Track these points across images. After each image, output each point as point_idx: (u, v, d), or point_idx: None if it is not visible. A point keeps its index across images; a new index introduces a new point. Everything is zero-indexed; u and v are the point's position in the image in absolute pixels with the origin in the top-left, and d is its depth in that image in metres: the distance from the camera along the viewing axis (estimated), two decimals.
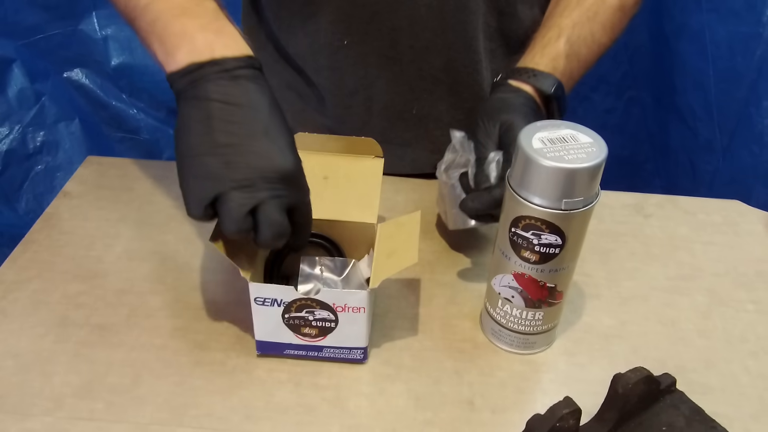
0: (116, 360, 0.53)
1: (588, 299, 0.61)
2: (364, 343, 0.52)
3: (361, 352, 0.52)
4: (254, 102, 0.44)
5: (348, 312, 0.49)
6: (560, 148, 0.45)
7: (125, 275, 0.61)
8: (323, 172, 0.59)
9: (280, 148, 0.43)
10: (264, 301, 0.49)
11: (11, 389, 0.51)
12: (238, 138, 0.43)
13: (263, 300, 0.49)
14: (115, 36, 1.16)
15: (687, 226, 0.70)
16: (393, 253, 0.50)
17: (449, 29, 0.63)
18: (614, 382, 0.45)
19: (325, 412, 0.50)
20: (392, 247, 0.51)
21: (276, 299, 0.49)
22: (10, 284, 0.60)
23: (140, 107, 1.23)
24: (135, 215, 0.69)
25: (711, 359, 0.55)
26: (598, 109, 1.26)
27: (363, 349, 0.52)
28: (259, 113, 0.44)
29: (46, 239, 0.65)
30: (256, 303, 0.49)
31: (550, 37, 0.59)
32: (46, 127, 1.16)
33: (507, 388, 0.52)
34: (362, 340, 0.52)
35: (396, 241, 0.51)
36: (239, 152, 0.43)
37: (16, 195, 1.14)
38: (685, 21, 1.04)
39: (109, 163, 0.76)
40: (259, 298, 0.49)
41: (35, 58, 1.13)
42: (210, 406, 0.50)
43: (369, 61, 0.66)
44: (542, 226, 0.46)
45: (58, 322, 0.56)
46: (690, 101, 1.07)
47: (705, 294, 0.62)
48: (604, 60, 1.20)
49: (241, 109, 0.43)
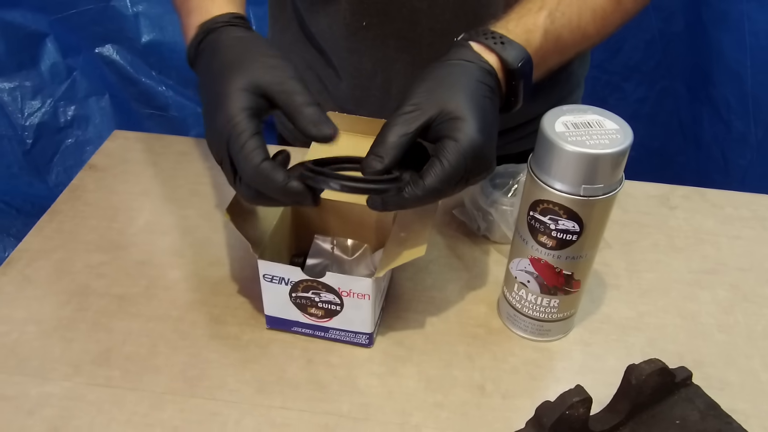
0: (134, 330, 0.54)
1: (607, 289, 0.60)
2: (369, 329, 0.52)
3: (366, 337, 0.53)
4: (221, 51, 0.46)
5: (353, 297, 0.49)
6: (583, 133, 0.44)
7: (146, 248, 0.62)
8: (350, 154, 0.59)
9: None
10: (272, 278, 0.49)
11: (33, 353, 0.52)
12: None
13: (271, 277, 0.49)
14: (146, 13, 1.17)
15: (714, 219, 0.68)
16: (404, 242, 0.50)
17: (470, 12, 0.62)
18: (628, 372, 0.45)
19: (335, 389, 0.50)
20: (404, 237, 0.51)
21: (284, 278, 0.49)
22: (36, 253, 0.61)
23: (169, 84, 1.24)
24: (158, 189, 0.69)
25: (730, 354, 0.54)
26: (630, 99, 1.23)
27: (368, 335, 0.52)
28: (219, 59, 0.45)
29: (71, 210, 0.66)
30: (264, 280, 0.50)
31: (530, 8, 0.51)
32: (76, 101, 1.18)
33: (519, 374, 0.52)
34: (367, 326, 0.52)
35: (410, 230, 0.51)
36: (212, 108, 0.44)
37: (46, 167, 1.17)
38: (725, 9, 1.01)
39: (135, 137, 0.77)
40: (267, 275, 0.49)
41: (68, 33, 1.15)
42: (223, 379, 0.51)
43: (388, 43, 0.66)
44: (560, 211, 0.45)
45: (80, 291, 0.58)
46: (725, 93, 1.04)
47: (728, 289, 0.60)
48: (637, 48, 1.19)
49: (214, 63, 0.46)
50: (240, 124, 0.42)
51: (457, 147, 0.42)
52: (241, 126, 0.42)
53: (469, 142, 0.43)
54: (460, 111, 0.43)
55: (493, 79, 0.47)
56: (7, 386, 0.50)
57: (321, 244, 0.59)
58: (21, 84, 1.12)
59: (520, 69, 0.48)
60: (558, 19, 0.51)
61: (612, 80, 1.22)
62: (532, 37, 0.49)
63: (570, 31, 0.52)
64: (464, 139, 0.43)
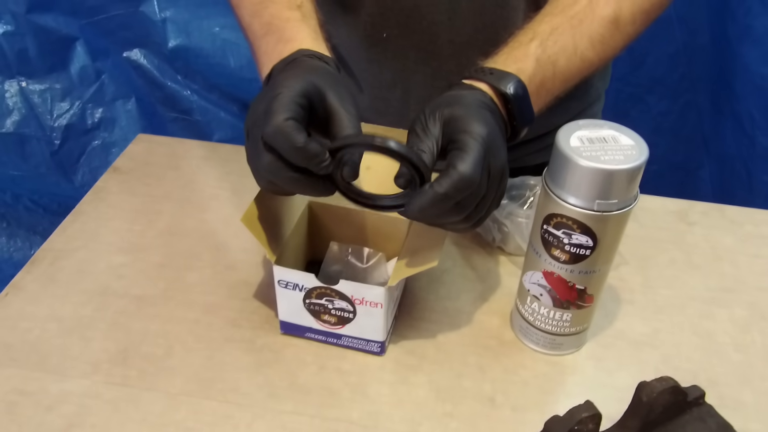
0: (151, 330, 0.55)
1: (622, 304, 0.60)
2: (381, 337, 0.52)
3: (378, 345, 0.53)
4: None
5: (366, 306, 0.50)
6: (598, 148, 0.44)
7: (165, 250, 0.63)
8: (366, 163, 0.60)
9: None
10: (287, 284, 0.50)
11: (53, 351, 0.54)
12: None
13: (286, 283, 0.50)
14: (173, 19, 1.19)
15: (733, 236, 0.67)
16: (417, 252, 0.51)
17: (489, 24, 0.63)
18: (639, 389, 0.44)
19: (346, 396, 0.51)
20: (418, 246, 0.51)
21: (298, 284, 0.50)
22: (59, 252, 0.63)
23: (194, 89, 1.26)
24: (179, 193, 0.71)
25: (746, 374, 0.54)
26: (653, 112, 1.23)
27: (380, 343, 0.53)
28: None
29: (94, 211, 0.68)
30: (279, 285, 0.50)
31: (521, 41, 0.51)
32: (104, 104, 1.21)
33: (530, 388, 0.52)
34: (380, 334, 0.52)
35: (423, 240, 0.51)
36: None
37: (73, 168, 1.20)
38: (750, 23, 1.00)
39: (158, 141, 0.79)
40: (282, 280, 0.50)
41: (97, 37, 1.18)
42: (236, 382, 0.52)
43: (408, 54, 0.66)
44: (573, 225, 0.46)
45: (100, 291, 0.59)
46: (750, 107, 1.03)
47: (745, 307, 0.59)
48: (661, 61, 1.18)
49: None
50: (288, 94, 0.42)
51: (470, 135, 0.43)
52: (287, 95, 0.42)
53: (478, 130, 0.43)
54: (461, 111, 0.45)
55: (490, 101, 0.48)
56: (28, 382, 0.51)
57: (336, 250, 0.59)
58: (51, 86, 1.15)
59: (513, 93, 0.48)
60: (550, 47, 0.51)
61: (635, 93, 1.21)
62: (524, 65, 0.50)
63: (567, 58, 0.51)
64: (474, 129, 0.43)
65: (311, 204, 0.59)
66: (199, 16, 1.20)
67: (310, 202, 0.59)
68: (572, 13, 0.52)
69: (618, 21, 0.53)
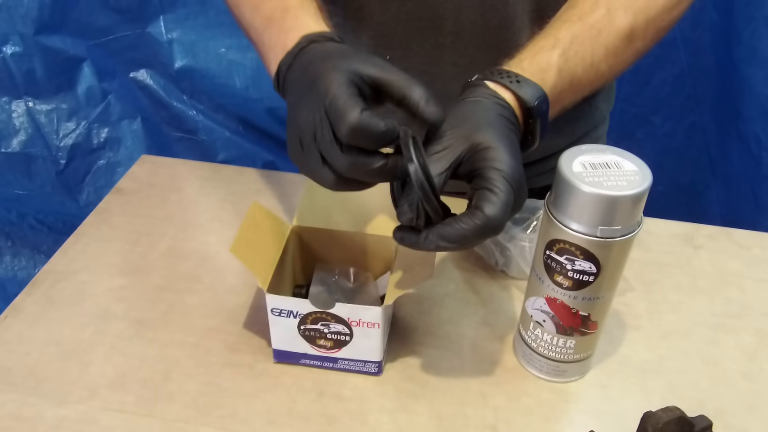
0: (150, 355, 0.55)
1: (627, 330, 0.59)
2: (378, 357, 0.52)
3: (375, 365, 0.52)
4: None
5: (362, 327, 0.49)
6: (601, 174, 0.44)
7: (166, 272, 0.63)
8: None
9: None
10: (280, 312, 0.50)
11: (51, 375, 0.53)
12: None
13: (279, 311, 0.50)
14: (180, 39, 1.20)
15: (740, 260, 0.66)
16: (410, 268, 0.50)
17: (492, 46, 0.62)
18: (644, 420, 0.44)
19: (346, 424, 0.50)
20: (410, 262, 0.51)
21: (292, 311, 0.49)
22: (60, 274, 0.63)
23: (200, 109, 1.27)
24: (181, 215, 0.71)
25: (754, 404, 0.52)
26: (658, 133, 1.22)
27: (378, 363, 0.52)
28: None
29: (96, 232, 0.68)
30: (272, 314, 0.50)
31: (543, 46, 0.50)
32: (110, 123, 1.22)
33: (533, 416, 0.51)
34: (377, 354, 0.52)
35: (414, 256, 0.51)
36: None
37: (78, 187, 1.20)
38: (755, 45, 0.99)
39: (162, 162, 0.79)
40: (275, 309, 0.50)
41: (104, 58, 1.19)
42: (234, 408, 0.51)
43: (411, 76, 0.66)
44: (576, 251, 0.45)
45: (100, 314, 0.59)
46: (756, 129, 1.02)
47: (753, 334, 0.58)
48: (666, 81, 1.18)
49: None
50: (341, 90, 0.41)
51: (501, 174, 0.42)
52: (342, 91, 0.41)
53: (509, 168, 0.42)
54: (490, 141, 0.43)
55: (512, 114, 0.47)
56: (25, 407, 0.51)
57: (323, 272, 0.59)
58: (58, 106, 1.16)
59: (537, 107, 0.47)
60: (572, 58, 0.50)
61: (640, 113, 1.21)
62: (547, 76, 0.49)
63: (584, 69, 0.51)
64: (505, 167, 0.42)
65: (296, 228, 0.58)
66: (205, 37, 1.20)
67: (295, 227, 0.58)
68: (591, 21, 0.51)
69: (633, 34, 0.53)
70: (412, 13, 0.62)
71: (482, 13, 0.61)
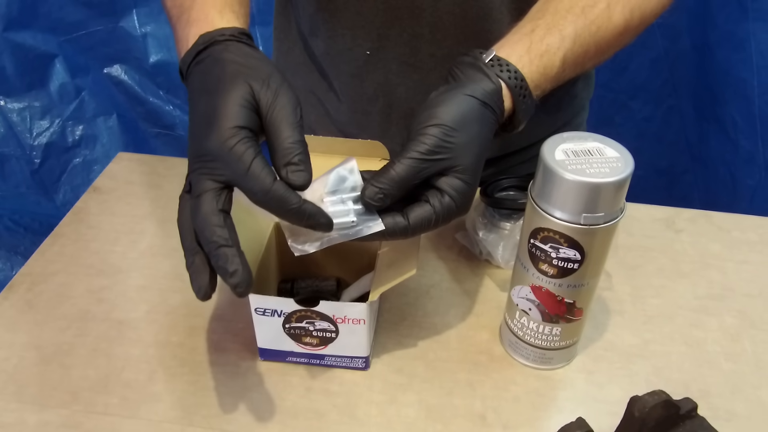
0: (133, 356, 0.54)
1: (611, 316, 0.59)
2: (365, 352, 0.52)
3: (362, 361, 0.52)
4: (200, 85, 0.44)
5: (348, 323, 0.49)
6: (583, 161, 0.44)
7: (147, 272, 0.62)
8: None
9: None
10: (264, 311, 0.49)
11: (32, 380, 0.52)
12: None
13: (263, 310, 0.49)
14: (154, 33, 1.18)
15: (720, 243, 0.67)
16: (393, 263, 0.50)
17: (472, 38, 0.62)
18: (630, 404, 0.44)
19: (334, 418, 0.50)
20: (393, 257, 0.51)
21: (276, 310, 0.49)
22: (37, 276, 0.61)
23: (176, 104, 1.25)
24: (161, 212, 0.69)
25: (738, 384, 0.53)
26: (636, 118, 1.23)
27: (365, 359, 0.52)
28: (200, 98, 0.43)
29: (73, 233, 0.66)
30: (256, 313, 0.49)
31: (550, 44, 0.49)
32: (85, 121, 1.20)
33: (521, 404, 0.51)
34: (363, 350, 0.51)
35: (398, 250, 0.51)
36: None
37: (54, 186, 1.18)
38: (731, 29, 1.00)
39: (139, 159, 0.78)
40: (259, 308, 0.49)
41: (77, 53, 1.16)
42: (221, 407, 0.50)
43: (389, 67, 0.66)
44: (560, 239, 0.45)
45: (80, 316, 0.57)
46: (732, 112, 1.04)
47: (735, 315, 0.59)
48: (643, 66, 1.18)
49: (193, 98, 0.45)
50: (241, 144, 0.40)
51: (451, 202, 0.44)
52: (242, 145, 0.40)
53: (463, 198, 0.45)
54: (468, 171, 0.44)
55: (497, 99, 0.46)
56: (6, 414, 0.49)
57: None
58: (30, 104, 1.14)
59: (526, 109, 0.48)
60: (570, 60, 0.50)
61: (618, 99, 1.21)
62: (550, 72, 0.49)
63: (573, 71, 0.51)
64: (459, 198, 0.44)
65: (279, 224, 0.57)
66: None
67: (277, 222, 0.57)
68: (592, 17, 0.51)
69: (626, 31, 0.53)
70: (389, 3, 0.61)
71: (460, 4, 0.61)
